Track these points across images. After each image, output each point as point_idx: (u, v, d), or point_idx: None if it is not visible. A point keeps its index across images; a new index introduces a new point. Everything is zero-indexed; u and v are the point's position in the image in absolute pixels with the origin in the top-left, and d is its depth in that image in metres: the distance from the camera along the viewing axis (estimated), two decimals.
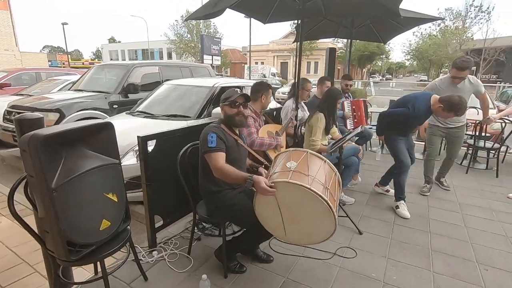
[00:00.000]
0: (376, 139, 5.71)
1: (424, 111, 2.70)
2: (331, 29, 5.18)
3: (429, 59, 33.21)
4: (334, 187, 1.75)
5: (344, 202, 3.06)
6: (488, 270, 2.08)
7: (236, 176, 1.67)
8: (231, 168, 1.71)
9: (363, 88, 20.64)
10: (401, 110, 2.77)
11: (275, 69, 27.76)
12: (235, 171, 1.69)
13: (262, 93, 2.60)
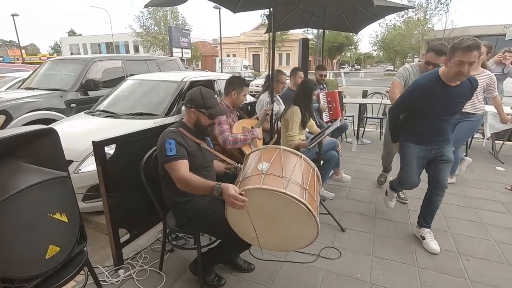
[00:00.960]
0: (351, 130, 5.77)
1: (432, 81, 1.91)
2: (303, 19, 5.05)
3: (394, 50, 34.54)
4: (313, 186, 1.61)
5: (325, 198, 2.97)
6: (469, 261, 2.08)
7: (202, 186, 1.47)
8: (196, 177, 1.50)
9: (334, 79, 20.99)
10: (405, 93, 2.09)
11: (248, 62, 27.41)
12: (201, 180, 1.49)
13: (234, 89, 2.38)
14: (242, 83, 2.41)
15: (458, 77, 1.81)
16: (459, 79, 1.83)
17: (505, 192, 3.19)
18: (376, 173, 3.74)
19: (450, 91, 1.89)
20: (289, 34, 29.33)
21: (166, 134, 1.60)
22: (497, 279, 1.89)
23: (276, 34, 28.93)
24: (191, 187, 1.49)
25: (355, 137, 5.31)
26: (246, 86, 2.45)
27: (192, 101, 1.66)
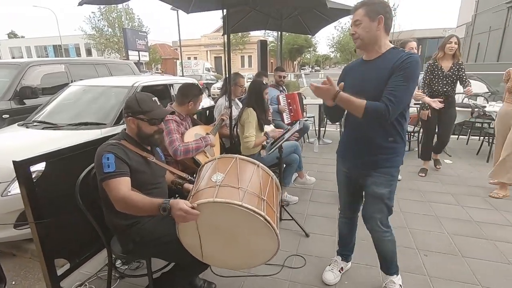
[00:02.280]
0: (313, 130, 5.85)
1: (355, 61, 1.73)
2: (260, 20, 5.01)
3: (350, 51, 36.29)
4: (272, 195, 1.52)
5: (288, 202, 2.92)
6: (427, 256, 2.13)
7: (146, 206, 1.28)
8: (138, 196, 1.32)
9: (295, 80, 21.48)
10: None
11: (209, 64, 27.00)
12: (144, 199, 1.30)
13: (191, 100, 2.22)
14: (199, 92, 2.26)
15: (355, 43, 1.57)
16: (356, 45, 1.58)
17: (455, 184, 3.40)
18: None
19: (367, 66, 1.58)
20: (250, 36, 29.51)
21: (104, 148, 1.40)
22: (453, 272, 1.96)
23: (237, 36, 29.12)
24: (133, 208, 1.31)
25: (316, 137, 5.39)
26: (201, 94, 2.31)
27: (128, 108, 1.47)
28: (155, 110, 1.49)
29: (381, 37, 1.48)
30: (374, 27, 1.45)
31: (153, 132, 1.52)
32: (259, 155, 2.67)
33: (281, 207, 2.56)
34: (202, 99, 2.35)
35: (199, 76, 18.04)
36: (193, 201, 1.31)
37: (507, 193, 3.03)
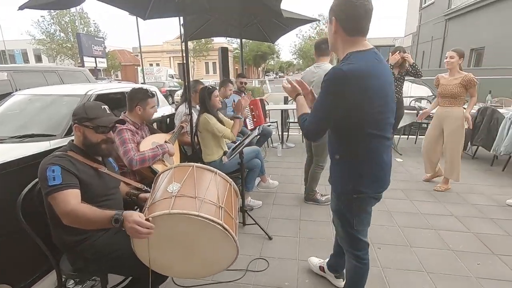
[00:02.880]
0: (275, 134, 5.98)
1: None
2: (221, 28, 5.07)
3: (311, 58, 37.83)
4: (230, 202, 1.54)
5: (252, 207, 2.95)
6: (380, 249, 2.29)
7: (97, 218, 1.22)
8: (88, 208, 1.25)
9: (260, 86, 21.80)
10: None
11: (173, 71, 26.42)
12: (95, 211, 1.24)
13: (137, 104, 2.14)
14: (144, 95, 2.16)
15: None
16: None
17: (405, 181, 3.68)
18: (300, 175, 3.91)
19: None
20: (214, 43, 29.47)
21: (48, 160, 1.32)
22: (403, 262, 2.12)
23: (201, 43, 28.90)
24: (83, 222, 1.24)
25: (280, 142, 5.52)
26: (151, 97, 2.20)
27: (74, 115, 1.41)
28: (102, 118, 1.43)
29: (337, 40, 1.34)
30: (330, 31, 1.35)
31: (100, 141, 1.44)
32: (220, 162, 2.68)
33: (245, 212, 2.58)
34: (154, 104, 2.23)
35: (161, 83, 17.57)
36: (148, 214, 1.29)
37: (449, 187, 3.36)
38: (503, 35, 10.30)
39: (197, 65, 34.45)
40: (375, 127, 1.30)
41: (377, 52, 1.31)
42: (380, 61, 1.30)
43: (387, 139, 1.36)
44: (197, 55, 30.23)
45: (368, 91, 1.24)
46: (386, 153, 1.38)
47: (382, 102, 1.29)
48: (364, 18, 1.26)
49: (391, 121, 1.36)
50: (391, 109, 1.35)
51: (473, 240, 2.38)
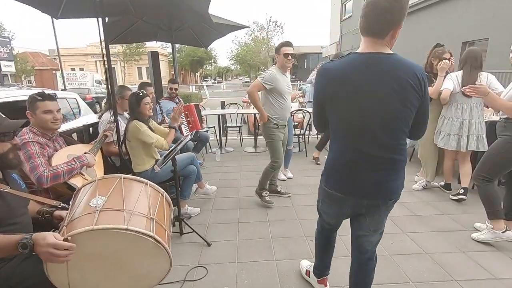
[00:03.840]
0: (214, 139, 5.95)
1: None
2: (150, 31, 4.85)
3: (248, 64, 38.82)
4: (163, 213, 1.49)
5: (190, 215, 2.87)
6: (313, 241, 2.45)
7: (0, 245, 1.07)
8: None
9: (198, 92, 21.46)
10: None
11: (100, 76, 24.17)
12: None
13: (27, 109, 1.85)
14: (32, 99, 1.85)
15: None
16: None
17: None
18: (239, 179, 3.97)
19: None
20: (147, 47, 28.00)
21: None
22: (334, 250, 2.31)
23: (132, 46, 27.14)
24: None
25: (218, 146, 5.51)
26: (41, 100, 1.85)
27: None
28: (2, 124, 1.25)
29: None
30: None
31: (7, 150, 1.26)
32: (153, 171, 2.55)
33: (181, 220, 2.50)
34: (50, 108, 1.85)
35: (87, 90, 15.92)
36: (67, 232, 1.16)
37: None
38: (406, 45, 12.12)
39: (129, 70, 32.26)
40: (343, 130, 1.30)
41: (374, 57, 1.21)
42: (368, 67, 1.20)
43: (359, 149, 1.27)
44: (128, 59, 28.31)
45: (330, 92, 1.25)
46: (356, 161, 1.30)
47: (352, 108, 1.23)
48: (371, 17, 1.18)
49: (368, 129, 1.23)
50: (368, 118, 1.22)
51: (388, 223, 2.72)
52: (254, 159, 4.90)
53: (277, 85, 2.84)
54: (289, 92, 2.99)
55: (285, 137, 3.13)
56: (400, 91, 1.18)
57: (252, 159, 4.91)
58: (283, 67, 2.88)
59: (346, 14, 19.89)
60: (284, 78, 2.92)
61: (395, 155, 1.28)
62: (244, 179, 3.97)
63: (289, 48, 2.82)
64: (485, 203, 2.37)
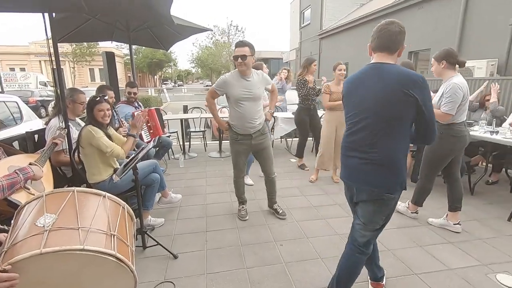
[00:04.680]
0: (177, 145, 5.72)
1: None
2: (105, 31, 4.52)
3: (209, 67, 38.38)
4: (124, 228, 1.36)
5: (153, 226, 2.70)
6: (282, 245, 2.45)
7: None
8: None
9: (158, 95, 20.65)
10: None
11: (45, 77, 22.03)
12: None
13: None
14: None
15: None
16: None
17: (300, 178, 4.10)
18: (204, 185, 3.84)
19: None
20: (100, 47, 26.22)
21: None
22: (302, 254, 2.33)
23: (83, 46, 25.21)
24: None
25: (181, 152, 5.32)
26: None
27: None
28: None
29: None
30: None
31: None
32: (111, 181, 2.35)
33: (144, 233, 2.33)
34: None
35: (30, 92, 14.39)
36: (6, 260, 1.00)
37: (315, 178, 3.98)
38: (360, 53, 12.95)
39: (80, 72, 29.92)
40: (347, 125, 1.62)
41: (375, 66, 1.52)
42: (373, 69, 1.52)
43: (356, 146, 1.55)
44: (78, 60, 26.24)
45: (345, 89, 1.65)
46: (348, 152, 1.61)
47: (353, 102, 1.58)
48: (385, 38, 1.50)
49: (364, 125, 1.51)
50: (364, 111, 1.51)
51: None
52: (219, 164, 4.81)
53: (229, 91, 2.53)
54: (249, 98, 2.52)
55: (258, 148, 2.73)
56: (389, 91, 1.43)
57: (217, 164, 4.80)
58: (240, 70, 2.51)
59: (305, 21, 20.67)
60: (243, 83, 2.51)
61: (378, 149, 1.49)
62: (210, 185, 3.86)
63: (237, 50, 2.43)
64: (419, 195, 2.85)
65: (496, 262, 2.20)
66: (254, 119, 2.60)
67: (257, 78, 2.59)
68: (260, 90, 2.59)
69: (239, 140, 2.67)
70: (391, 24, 1.50)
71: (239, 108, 2.55)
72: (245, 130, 2.62)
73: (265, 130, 2.73)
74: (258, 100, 2.60)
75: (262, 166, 2.87)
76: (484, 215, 2.97)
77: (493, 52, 6.78)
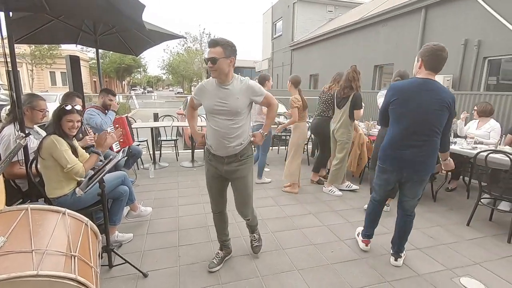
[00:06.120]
0: (146, 154, 5.48)
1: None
2: (69, 33, 4.27)
3: (181, 74, 37.78)
4: (87, 247, 1.25)
5: (121, 243, 2.53)
6: (258, 258, 2.39)
7: None
8: None
9: (126, 102, 19.85)
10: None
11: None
12: None
13: None
14: None
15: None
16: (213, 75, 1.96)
17: (273, 188, 4.10)
18: (176, 196, 3.70)
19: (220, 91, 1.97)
20: (62, 49, 24.73)
21: None
22: (279, 265, 2.30)
23: (43, 48, 23.63)
24: None
25: (152, 162, 5.10)
26: None
27: None
28: None
29: (418, 70, 2.12)
30: (416, 66, 2.13)
31: None
32: (73, 195, 2.17)
33: (111, 251, 2.16)
34: None
35: None
36: None
37: (296, 190, 3.95)
38: (329, 65, 13.50)
39: (40, 74, 27.93)
40: (402, 124, 2.11)
41: (426, 81, 2.02)
42: (419, 85, 2.03)
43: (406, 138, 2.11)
44: (37, 62, 24.50)
45: (399, 95, 2.09)
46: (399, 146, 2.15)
47: (409, 107, 2.04)
48: (436, 61, 1.99)
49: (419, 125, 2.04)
50: (420, 115, 2.02)
51: (327, 232, 2.87)
52: (192, 174, 4.67)
53: (203, 100, 2.03)
54: (222, 111, 1.94)
55: (231, 176, 2.11)
56: (435, 103, 1.98)
57: (189, 174, 4.67)
58: (213, 76, 1.98)
59: (277, 33, 21.17)
60: (219, 92, 1.96)
61: (426, 143, 2.06)
62: (182, 196, 3.72)
63: (209, 50, 1.91)
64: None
65: (459, 266, 2.33)
66: (229, 138, 1.97)
67: (238, 86, 1.97)
68: (239, 102, 1.94)
69: (210, 159, 2.12)
70: (444, 51, 1.96)
71: (211, 123, 2.02)
72: (216, 150, 2.05)
73: (245, 155, 2.08)
74: (236, 115, 1.96)
75: (235, 201, 2.24)
76: (446, 220, 3.16)
77: (448, 68, 7.40)
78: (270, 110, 2.18)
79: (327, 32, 13.52)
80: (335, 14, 17.92)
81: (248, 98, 2.00)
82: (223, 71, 1.92)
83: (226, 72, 1.93)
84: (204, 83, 2.08)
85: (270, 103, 2.12)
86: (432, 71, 2.02)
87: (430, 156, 2.08)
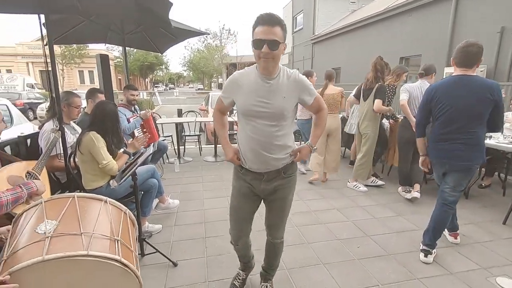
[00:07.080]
0: (171, 149, 5.65)
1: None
2: (98, 33, 4.45)
3: (201, 71, 38.31)
4: (127, 233, 1.33)
5: (151, 233, 2.64)
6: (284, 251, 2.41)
7: None
8: None
9: (149, 98, 20.44)
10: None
11: (33, 79, 21.52)
12: None
13: None
14: None
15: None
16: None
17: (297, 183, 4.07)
18: (201, 190, 3.79)
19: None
20: (89, 49, 25.81)
21: None
22: (305, 259, 2.31)
23: (72, 48, 24.79)
24: None
25: (176, 156, 5.25)
26: None
27: None
28: None
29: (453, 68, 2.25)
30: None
31: None
32: (108, 187, 2.29)
33: (143, 240, 2.27)
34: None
35: (17, 94, 14.03)
36: (6, 269, 0.96)
37: (317, 177, 4.03)
38: (352, 58, 13.14)
39: (70, 74, 29.37)
40: (440, 119, 2.18)
41: (461, 77, 2.08)
42: (456, 82, 2.10)
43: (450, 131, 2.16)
44: (67, 62, 25.75)
45: (436, 94, 2.18)
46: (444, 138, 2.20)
47: (446, 103, 2.12)
48: (467, 57, 2.04)
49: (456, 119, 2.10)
50: (457, 110, 2.08)
51: (352, 227, 2.84)
52: (215, 169, 4.76)
53: (236, 97, 1.55)
54: (264, 114, 1.47)
55: (270, 196, 1.70)
56: (476, 96, 2.03)
57: (213, 169, 4.76)
58: (263, 67, 1.44)
59: (297, 26, 20.86)
60: (260, 86, 1.46)
61: (469, 135, 2.10)
62: (207, 190, 3.80)
63: (263, 30, 1.35)
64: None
65: (495, 265, 2.23)
66: (272, 149, 1.52)
67: (285, 81, 1.49)
68: (286, 102, 1.48)
69: (243, 174, 1.65)
70: (472, 46, 2.01)
71: (247, 128, 1.53)
72: (254, 164, 1.57)
73: (290, 170, 1.65)
74: (281, 119, 1.49)
75: (267, 219, 1.85)
76: (480, 218, 3.02)
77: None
78: (320, 116, 1.65)
79: (350, 23, 13.14)
80: (358, 5, 17.35)
81: (296, 97, 1.52)
82: (278, 61, 1.44)
83: (279, 61, 1.45)
84: (238, 75, 1.56)
85: (322, 107, 1.62)
86: (465, 67, 2.07)
87: (472, 149, 2.12)
